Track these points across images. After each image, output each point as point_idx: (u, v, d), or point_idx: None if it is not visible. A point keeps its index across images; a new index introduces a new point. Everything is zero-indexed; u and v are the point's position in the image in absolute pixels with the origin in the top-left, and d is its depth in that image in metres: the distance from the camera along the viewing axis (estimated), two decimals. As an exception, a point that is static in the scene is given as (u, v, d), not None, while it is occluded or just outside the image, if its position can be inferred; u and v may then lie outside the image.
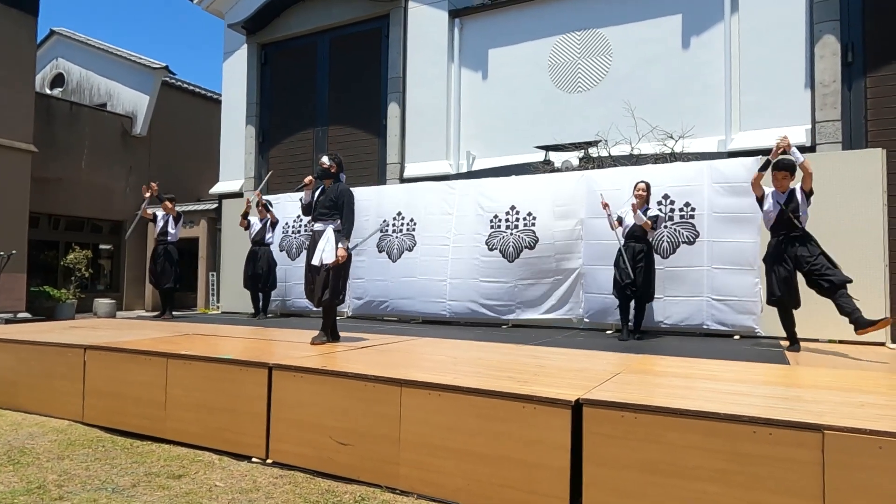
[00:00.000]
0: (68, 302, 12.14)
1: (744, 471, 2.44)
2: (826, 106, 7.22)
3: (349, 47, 11.04)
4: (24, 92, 11.28)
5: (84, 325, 6.77)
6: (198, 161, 15.59)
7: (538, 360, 4.26)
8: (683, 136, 7.75)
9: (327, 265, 4.83)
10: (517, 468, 2.86)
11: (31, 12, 11.43)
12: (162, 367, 4.15)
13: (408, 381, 3.25)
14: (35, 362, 4.84)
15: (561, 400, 2.81)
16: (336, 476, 3.33)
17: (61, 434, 4.17)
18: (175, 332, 5.70)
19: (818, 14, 7.34)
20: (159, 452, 3.79)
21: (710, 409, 2.57)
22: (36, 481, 3.21)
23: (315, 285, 4.93)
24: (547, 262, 7.12)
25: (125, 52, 15.58)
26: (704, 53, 8.14)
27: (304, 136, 11.44)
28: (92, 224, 14.58)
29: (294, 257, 9.11)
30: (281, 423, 3.62)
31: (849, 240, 5.78)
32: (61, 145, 13.41)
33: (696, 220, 6.38)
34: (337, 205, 4.97)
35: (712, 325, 6.25)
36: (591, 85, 8.89)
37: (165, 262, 8.27)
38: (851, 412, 2.57)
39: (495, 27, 9.69)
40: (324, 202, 5.01)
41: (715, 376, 3.57)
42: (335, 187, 5.05)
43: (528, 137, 9.01)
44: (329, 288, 4.85)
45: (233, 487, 3.16)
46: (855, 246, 5.77)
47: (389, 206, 8.42)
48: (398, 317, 8.19)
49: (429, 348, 4.88)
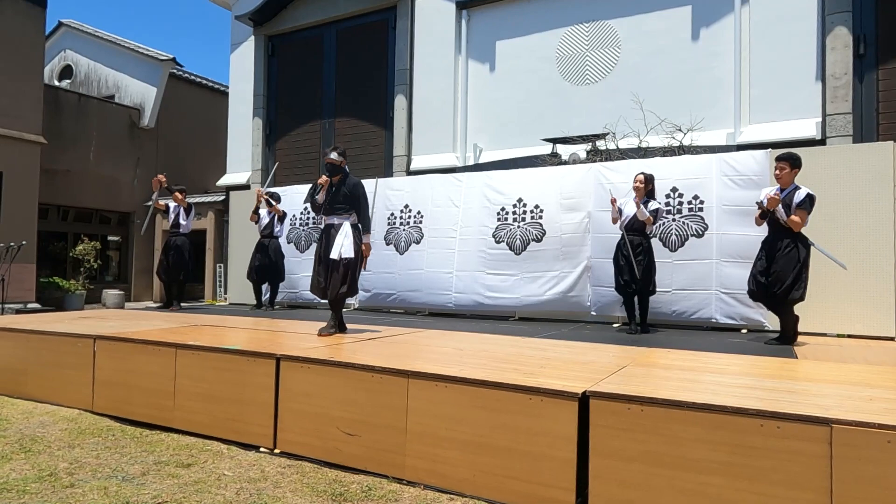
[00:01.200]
0: (77, 293, 12.24)
1: (751, 464, 2.44)
2: (837, 99, 7.15)
3: (356, 39, 11.01)
4: (33, 84, 11.35)
5: (93, 315, 6.82)
6: (205, 153, 15.64)
7: (544, 352, 4.26)
8: (692, 129, 7.70)
9: (346, 259, 4.85)
10: (523, 459, 2.87)
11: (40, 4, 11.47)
12: (171, 358, 4.18)
13: (414, 373, 3.26)
14: (45, 352, 4.88)
15: (568, 392, 2.81)
16: (343, 466, 3.35)
17: (72, 423, 4.21)
18: (183, 323, 5.74)
19: (830, 5, 7.25)
20: (168, 441, 3.82)
21: (717, 402, 2.56)
22: (47, 469, 3.24)
23: (329, 279, 4.95)
24: (554, 254, 7.11)
25: (133, 44, 15.61)
26: (714, 45, 8.07)
27: (311, 128, 11.45)
28: (100, 215, 14.67)
29: (303, 250, 9.14)
30: (288, 414, 3.65)
31: (859, 233, 5.74)
32: (69, 137, 13.48)
33: (704, 213, 6.35)
34: (351, 199, 4.99)
35: (721, 319, 6.23)
36: (599, 77, 8.84)
37: (177, 255, 8.17)
38: (859, 406, 2.56)
39: (503, 19, 9.64)
40: (339, 197, 5.01)
41: (722, 370, 3.56)
42: (348, 181, 5.06)
43: (536, 130, 8.98)
44: (347, 282, 4.90)
45: (241, 476, 3.19)
46: (865, 239, 5.73)
47: (396, 198, 8.42)
48: (405, 309, 8.21)
49: (435, 340, 4.89)
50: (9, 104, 10.77)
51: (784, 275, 4.69)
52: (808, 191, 4.78)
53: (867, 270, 5.63)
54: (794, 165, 4.85)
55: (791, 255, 4.72)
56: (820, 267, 5.18)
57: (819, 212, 5.15)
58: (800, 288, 4.71)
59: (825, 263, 5.08)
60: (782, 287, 4.68)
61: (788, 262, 4.71)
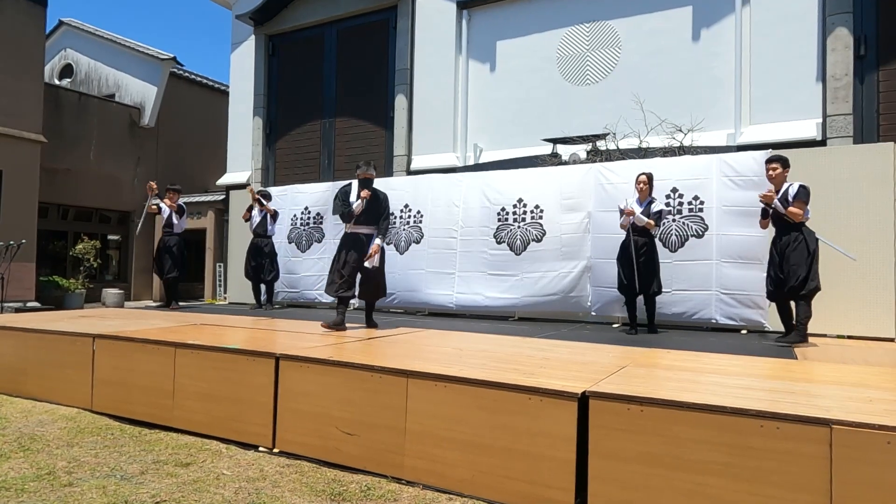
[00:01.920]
0: (77, 292, 12.23)
1: (750, 465, 2.43)
2: (837, 99, 7.15)
3: (357, 39, 11.00)
4: (34, 82, 11.33)
5: (93, 314, 6.82)
6: (205, 152, 15.63)
7: (544, 352, 4.26)
8: (692, 130, 7.69)
9: (377, 267, 5.45)
10: (523, 460, 2.87)
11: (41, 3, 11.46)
12: (170, 357, 4.17)
13: (414, 373, 3.25)
14: (45, 351, 4.88)
15: (567, 392, 2.81)
16: (342, 466, 3.35)
17: (70, 421, 4.21)
18: (183, 322, 5.73)
19: (831, 6, 7.24)
20: (167, 440, 3.82)
21: (716, 403, 2.56)
22: (46, 468, 3.24)
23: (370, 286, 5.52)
24: (554, 254, 7.10)
25: (133, 43, 15.61)
26: (714, 46, 8.07)
27: (312, 127, 11.44)
28: (100, 214, 14.66)
29: (304, 249, 9.14)
30: (288, 413, 3.64)
31: (859, 234, 5.74)
32: (70, 136, 13.47)
33: (704, 214, 6.34)
34: (379, 211, 5.49)
35: (721, 319, 6.23)
36: (599, 77, 8.83)
37: (166, 253, 8.41)
38: (860, 407, 2.56)
39: (503, 19, 9.64)
40: (374, 210, 5.43)
41: (722, 370, 3.55)
42: (380, 196, 5.53)
43: (536, 130, 8.97)
44: (382, 285, 5.66)
45: (240, 476, 3.18)
46: (865, 240, 5.72)
47: (397, 198, 8.41)
48: (405, 309, 8.21)
49: (435, 340, 4.88)
50: (9, 103, 10.76)
51: (798, 268, 4.82)
52: (800, 183, 4.93)
53: (867, 272, 5.63)
54: (784, 166, 5.05)
55: (801, 247, 4.86)
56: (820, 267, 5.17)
57: (818, 212, 5.17)
58: (814, 278, 4.84)
59: (825, 264, 5.08)
60: (799, 279, 4.80)
61: (800, 256, 4.84)
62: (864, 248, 5.65)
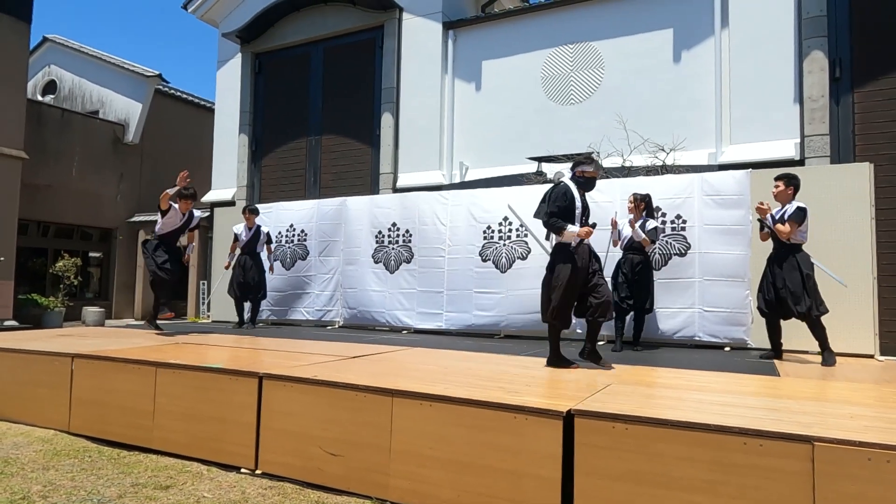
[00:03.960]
0: (56, 310, 12.02)
1: (733, 481, 2.44)
2: (814, 120, 7.31)
3: (343, 57, 11.08)
4: (16, 98, 11.24)
5: (72, 333, 6.70)
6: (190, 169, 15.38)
7: (529, 370, 4.26)
8: (674, 149, 7.82)
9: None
10: (508, 479, 2.85)
11: (25, 19, 11.41)
12: (150, 377, 4.11)
13: (399, 392, 3.23)
14: (21, 371, 4.78)
15: (552, 410, 2.81)
16: (326, 487, 3.30)
17: (47, 444, 4.11)
18: (164, 341, 5.65)
19: (806, 30, 7.45)
20: (146, 463, 3.74)
21: (700, 420, 2.57)
22: (20, 492, 3.15)
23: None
24: (539, 272, 7.10)
25: (118, 60, 15.57)
26: (695, 67, 8.24)
27: (298, 145, 11.45)
28: (82, 231, 14.48)
29: (289, 267, 9.08)
30: (270, 434, 3.59)
31: (837, 253, 5.84)
32: (52, 152, 13.35)
33: (687, 233, 6.42)
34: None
35: (704, 337, 6.28)
36: (583, 97, 8.96)
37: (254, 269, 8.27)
38: (841, 423, 2.58)
39: (489, 39, 9.77)
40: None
41: (705, 387, 3.58)
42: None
43: (521, 148, 9.06)
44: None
45: (221, 499, 3.12)
46: (843, 259, 5.82)
47: (383, 216, 8.41)
48: (391, 327, 8.16)
49: (420, 358, 4.86)
50: (-10, 119, 10.65)
51: (796, 290, 4.87)
52: (798, 204, 5.02)
53: (847, 289, 5.71)
54: (788, 184, 5.10)
55: (794, 271, 4.93)
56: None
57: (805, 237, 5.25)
58: (820, 303, 4.90)
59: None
60: (807, 307, 4.84)
61: (795, 280, 4.90)
62: (842, 266, 5.74)
